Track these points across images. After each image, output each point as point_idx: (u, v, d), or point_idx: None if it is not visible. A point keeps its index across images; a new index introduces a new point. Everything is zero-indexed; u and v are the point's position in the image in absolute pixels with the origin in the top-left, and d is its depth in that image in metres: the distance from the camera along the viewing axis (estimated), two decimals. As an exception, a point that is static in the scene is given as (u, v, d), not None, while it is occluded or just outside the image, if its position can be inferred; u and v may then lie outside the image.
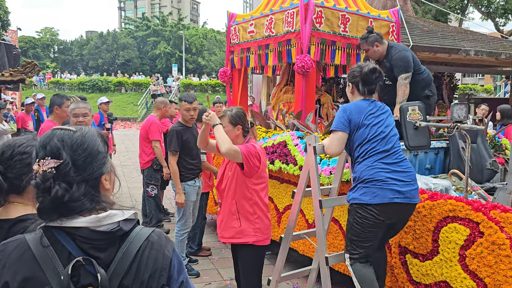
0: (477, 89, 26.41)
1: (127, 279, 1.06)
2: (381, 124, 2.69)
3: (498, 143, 4.61)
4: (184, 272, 1.18)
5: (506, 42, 10.33)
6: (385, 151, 2.64)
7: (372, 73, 2.70)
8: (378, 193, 2.57)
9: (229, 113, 3.00)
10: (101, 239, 1.07)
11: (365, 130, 2.67)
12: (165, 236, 1.18)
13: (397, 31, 5.32)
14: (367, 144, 2.66)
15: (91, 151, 1.11)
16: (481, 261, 2.60)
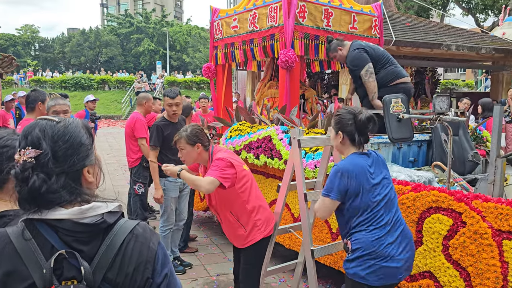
0: (459, 84, 26.82)
1: (111, 272, 1.05)
2: (383, 185, 2.33)
3: (480, 136, 4.68)
4: (169, 265, 1.16)
5: (486, 37, 10.50)
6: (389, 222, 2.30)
7: (369, 121, 2.33)
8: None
9: (184, 133, 2.91)
10: (85, 231, 1.05)
11: (366, 196, 2.29)
12: (150, 228, 1.16)
13: (380, 26, 5.36)
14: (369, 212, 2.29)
15: (73, 143, 1.08)
16: (464, 250, 2.64)
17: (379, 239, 2.25)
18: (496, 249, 2.49)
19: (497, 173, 2.66)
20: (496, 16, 21.16)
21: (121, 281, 1.05)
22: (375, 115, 2.39)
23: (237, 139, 4.57)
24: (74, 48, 48.22)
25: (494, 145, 2.67)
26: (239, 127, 4.72)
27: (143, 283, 1.08)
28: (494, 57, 9.74)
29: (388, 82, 4.03)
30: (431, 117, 2.74)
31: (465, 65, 11.05)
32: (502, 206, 2.49)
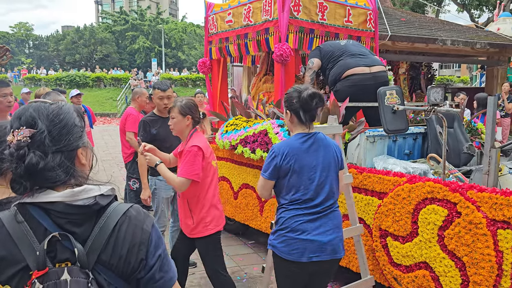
0: (454, 80, 26.90)
1: (105, 254, 1.05)
2: (316, 169, 2.35)
3: (474, 128, 4.70)
4: (163, 247, 1.16)
5: (481, 32, 10.53)
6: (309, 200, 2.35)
7: (312, 98, 2.32)
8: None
9: (178, 103, 3.02)
10: (78, 213, 1.05)
11: (293, 177, 2.34)
12: (144, 211, 1.17)
13: (375, 19, 5.35)
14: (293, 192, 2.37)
15: (67, 123, 1.10)
16: (459, 240, 2.65)
17: (297, 216, 2.34)
18: (490, 239, 2.50)
19: (492, 164, 2.67)
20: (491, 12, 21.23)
21: (115, 262, 1.06)
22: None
23: (233, 133, 4.57)
24: (69, 46, 47.94)
25: (489, 135, 2.68)
26: (235, 121, 4.71)
27: (137, 265, 1.09)
28: (489, 52, 9.77)
29: (339, 76, 4.07)
30: (426, 108, 2.74)
31: (460, 60, 11.07)
32: (497, 196, 2.50)
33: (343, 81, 4.07)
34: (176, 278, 1.20)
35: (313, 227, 2.32)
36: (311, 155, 2.37)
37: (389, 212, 3.06)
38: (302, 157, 2.35)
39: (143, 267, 1.10)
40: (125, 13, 51.78)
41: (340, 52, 4.19)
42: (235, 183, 4.80)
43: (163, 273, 1.15)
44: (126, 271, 1.08)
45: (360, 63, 4.06)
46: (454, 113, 4.33)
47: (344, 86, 4.05)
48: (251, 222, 4.61)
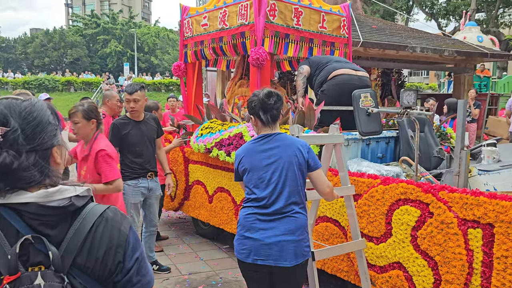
0: (423, 87, 27.69)
1: (80, 256, 1.01)
2: (272, 168, 2.35)
3: (444, 132, 4.84)
4: (140, 250, 1.12)
5: (449, 40, 10.89)
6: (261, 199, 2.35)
7: (268, 97, 2.36)
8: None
9: (81, 108, 3.05)
10: (52, 214, 1.00)
11: (247, 177, 2.41)
12: (121, 213, 1.13)
13: (348, 26, 5.45)
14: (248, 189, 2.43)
15: (41, 120, 1.04)
16: (431, 240, 2.71)
17: (249, 215, 2.37)
18: (461, 238, 2.57)
19: (462, 165, 2.75)
20: (457, 21, 22.01)
21: (91, 265, 1.02)
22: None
23: (208, 137, 4.54)
24: (38, 49, 46.67)
25: (459, 137, 2.77)
26: (210, 125, 4.69)
27: (114, 268, 1.05)
28: (456, 60, 10.11)
29: (326, 77, 4.30)
30: (399, 111, 2.81)
31: (429, 67, 11.41)
32: (467, 196, 2.57)
33: (330, 81, 4.26)
34: (153, 282, 1.16)
35: (261, 226, 2.31)
36: (264, 155, 2.38)
37: (364, 214, 3.10)
38: (255, 158, 2.39)
39: (120, 270, 1.06)
40: (96, 17, 50.89)
41: (326, 60, 4.48)
42: (210, 186, 4.77)
43: (141, 276, 1.11)
44: (103, 275, 1.04)
45: (346, 67, 4.33)
46: (424, 117, 4.45)
47: (331, 85, 4.23)
48: (226, 226, 4.59)
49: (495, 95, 11.24)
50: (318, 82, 4.39)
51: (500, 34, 21.00)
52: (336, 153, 3.01)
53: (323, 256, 2.86)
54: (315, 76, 4.44)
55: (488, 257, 2.49)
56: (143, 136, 3.96)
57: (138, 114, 3.96)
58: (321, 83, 4.34)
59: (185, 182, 5.15)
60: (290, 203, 2.34)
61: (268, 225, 2.31)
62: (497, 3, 22.10)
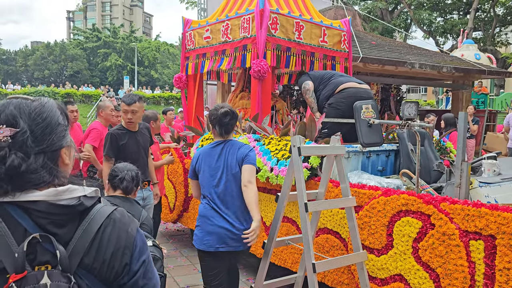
0: (421, 104, 27.86)
1: (88, 257, 1.00)
2: (216, 167, 2.91)
3: (443, 146, 4.86)
4: (147, 253, 1.11)
5: (447, 57, 11.00)
6: (214, 194, 2.91)
7: (224, 116, 2.90)
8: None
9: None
10: (61, 213, 0.99)
11: (201, 175, 2.97)
12: (129, 215, 1.12)
13: (349, 40, 5.52)
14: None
15: (51, 122, 1.03)
16: (433, 252, 2.70)
17: (205, 209, 2.92)
18: (463, 250, 2.56)
19: (463, 177, 2.76)
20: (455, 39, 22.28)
21: (98, 266, 1.01)
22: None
23: (208, 148, 4.54)
24: (38, 62, 46.95)
25: (460, 149, 2.78)
26: (210, 136, 4.70)
27: (121, 270, 1.04)
28: (454, 76, 10.20)
29: (333, 91, 4.36)
30: (401, 123, 2.82)
31: (428, 83, 11.50)
32: (469, 207, 2.58)
33: (338, 94, 4.33)
34: (159, 286, 1.15)
35: (215, 216, 2.86)
36: (216, 157, 2.92)
37: (365, 225, 3.10)
38: (209, 159, 2.94)
39: (126, 272, 1.05)
40: (97, 30, 51.35)
41: (330, 74, 4.55)
42: (210, 198, 4.75)
43: (147, 280, 1.10)
44: (109, 276, 1.03)
45: (351, 80, 4.42)
46: (424, 131, 4.48)
47: (339, 98, 4.30)
48: (226, 238, 4.55)
49: (493, 111, 11.30)
50: (324, 96, 4.45)
51: (497, 52, 21.26)
52: (337, 165, 3.01)
53: (324, 268, 2.83)
54: (318, 91, 4.50)
55: (490, 269, 2.48)
56: (139, 146, 3.94)
57: (135, 125, 3.93)
58: (328, 97, 4.40)
59: (184, 193, 5.13)
60: (233, 196, 2.89)
61: (219, 215, 2.87)
62: (493, 22, 22.42)
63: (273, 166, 3.76)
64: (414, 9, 22.18)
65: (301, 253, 3.47)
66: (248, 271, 4.59)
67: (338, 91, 4.26)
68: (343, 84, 4.26)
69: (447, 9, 24.22)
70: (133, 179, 2.75)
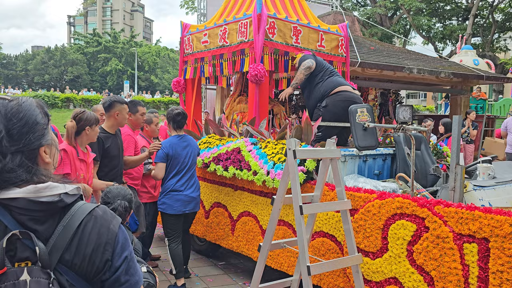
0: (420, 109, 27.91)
1: (68, 253, 1.00)
2: (187, 156, 4.06)
3: (440, 151, 4.87)
4: (130, 249, 1.12)
5: (445, 62, 11.04)
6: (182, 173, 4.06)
7: (177, 115, 4.09)
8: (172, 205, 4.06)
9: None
10: (40, 210, 1.00)
11: (173, 160, 4.02)
12: (111, 212, 1.13)
13: (346, 45, 5.55)
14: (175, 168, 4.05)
15: (28, 121, 1.03)
16: (427, 255, 2.71)
17: (175, 184, 4.03)
18: (457, 253, 2.57)
19: (457, 180, 2.77)
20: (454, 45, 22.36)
21: (79, 262, 1.02)
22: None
23: (206, 151, 4.57)
24: (38, 66, 47.08)
25: (454, 153, 2.80)
26: (208, 139, 4.72)
27: (102, 266, 1.04)
28: (453, 82, 10.24)
29: (329, 91, 4.28)
30: (395, 126, 2.84)
31: (426, 89, 11.54)
32: (462, 210, 2.59)
33: (334, 96, 4.24)
34: (142, 283, 1.15)
35: (184, 188, 4.02)
36: (184, 148, 4.05)
37: (360, 228, 3.11)
38: (179, 149, 4.02)
39: (108, 268, 1.05)
40: (98, 35, 51.52)
41: (331, 69, 4.50)
42: (206, 202, 4.76)
43: (129, 276, 1.09)
44: (90, 272, 1.03)
45: (347, 84, 4.38)
46: (421, 136, 4.49)
47: (335, 101, 4.23)
48: (222, 242, 4.56)
49: (491, 117, 11.33)
50: (320, 93, 4.30)
51: (495, 58, 21.33)
52: (333, 168, 3.03)
53: (318, 270, 2.83)
54: (317, 78, 4.38)
55: (483, 272, 2.49)
56: (119, 148, 3.92)
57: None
58: (323, 96, 4.28)
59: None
60: (195, 175, 4.19)
61: (188, 187, 4.06)
62: (492, 28, 22.52)
63: (269, 170, 3.77)
64: (413, 15, 22.27)
65: (297, 256, 3.48)
66: (245, 274, 4.59)
67: (334, 92, 4.22)
68: (340, 86, 4.24)
69: (446, 15, 24.33)
70: (126, 210, 2.63)
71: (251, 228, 4.18)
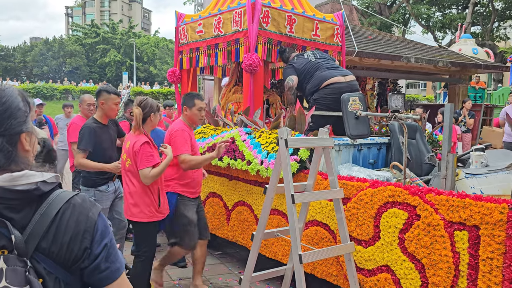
0: (420, 99, 27.85)
1: (45, 241, 1.00)
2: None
3: (436, 140, 4.87)
4: (110, 236, 1.11)
5: (443, 51, 10.99)
6: None
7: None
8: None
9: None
10: (16, 198, 1.00)
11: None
12: (90, 200, 1.12)
13: (342, 34, 5.51)
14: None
15: (10, 106, 1.04)
16: (418, 242, 2.72)
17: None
18: (448, 240, 2.58)
19: (449, 168, 2.77)
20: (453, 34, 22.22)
21: (56, 250, 1.01)
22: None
23: (200, 141, 4.56)
24: (37, 58, 46.88)
25: (446, 141, 2.79)
26: (202, 129, 4.72)
27: (81, 253, 1.04)
28: (451, 71, 10.20)
29: (317, 86, 4.29)
30: (387, 115, 2.84)
31: (424, 78, 11.50)
32: (453, 198, 2.59)
33: (322, 90, 4.27)
34: (124, 269, 1.14)
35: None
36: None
37: (353, 217, 3.11)
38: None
39: (87, 256, 1.05)
40: (96, 26, 51.23)
41: (314, 68, 4.44)
42: (202, 192, 4.76)
43: (109, 263, 1.09)
44: (68, 260, 1.03)
45: (335, 74, 4.31)
46: (416, 125, 4.49)
47: (323, 95, 4.26)
48: (218, 231, 4.58)
49: (489, 106, 11.31)
50: (309, 91, 4.39)
51: (495, 47, 21.21)
52: (325, 157, 3.02)
53: (310, 259, 2.84)
54: (304, 83, 4.44)
55: (474, 259, 2.50)
56: (112, 140, 3.89)
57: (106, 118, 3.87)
58: (312, 92, 4.35)
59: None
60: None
61: None
62: (492, 17, 22.36)
63: (263, 159, 3.77)
64: (413, 3, 22.12)
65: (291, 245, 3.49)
66: (240, 264, 4.61)
67: (322, 87, 4.22)
68: (328, 79, 4.21)
69: (446, 3, 24.15)
70: None
71: (246, 217, 4.19)
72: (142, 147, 3.18)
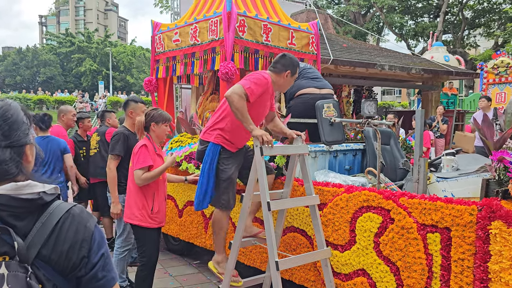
0: (395, 105, 28.42)
1: (45, 248, 1.05)
2: None
3: (409, 145, 4.98)
4: (106, 247, 1.18)
5: (416, 59, 11.28)
6: None
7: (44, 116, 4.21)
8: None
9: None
10: (21, 206, 1.04)
11: None
12: (87, 211, 1.19)
13: (317, 42, 5.60)
14: None
15: (17, 119, 1.11)
16: (393, 246, 2.78)
17: None
18: (421, 242, 2.64)
19: (421, 172, 2.85)
20: (426, 42, 22.83)
21: (56, 258, 1.06)
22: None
23: (177, 150, 4.55)
24: (9, 67, 45.87)
25: (417, 146, 2.87)
26: (180, 138, 4.70)
27: (79, 262, 1.09)
28: (424, 78, 10.48)
29: (293, 94, 4.35)
30: (361, 121, 2.90)
31: (398, 85, 11.76)
32: (426, 201, 2.66)
33: (296, 99, 4.36)
34: (117, 280, 1.20)
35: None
36: None
37: (329, 222, 3.15)
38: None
39: (84, 265, 1.10)
40: (71, 35, 50.48)
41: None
42: (180, 201, 4.75)
43: (106, 272, 1.15)
44: (67, 268, 1.07)
45: (311, 85, 4.36)
46: (390, 131, 4.59)
47: (297, 103, 4.34)
48: (196, 240, 4.56)
49: (461, 111, 11.63)
50: (287, 97, 4.49)
51: (466, 54, 21.89)
52: (301, 164, 3.06)
53: (287, 266, 2.87)
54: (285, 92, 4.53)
55: (446, 260, 2.57)
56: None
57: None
58: (289, 100, 4.45)
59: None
60: None
61: None
62: (462, 25, 23.09)
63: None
64: (386, 12, 22.65)
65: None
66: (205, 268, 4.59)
67: (297, 95, 4.29)
68: (301, 89, 4.28)
69: (418, 12, 24.83)
70: None
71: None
72: (139, 149, 3.33)
